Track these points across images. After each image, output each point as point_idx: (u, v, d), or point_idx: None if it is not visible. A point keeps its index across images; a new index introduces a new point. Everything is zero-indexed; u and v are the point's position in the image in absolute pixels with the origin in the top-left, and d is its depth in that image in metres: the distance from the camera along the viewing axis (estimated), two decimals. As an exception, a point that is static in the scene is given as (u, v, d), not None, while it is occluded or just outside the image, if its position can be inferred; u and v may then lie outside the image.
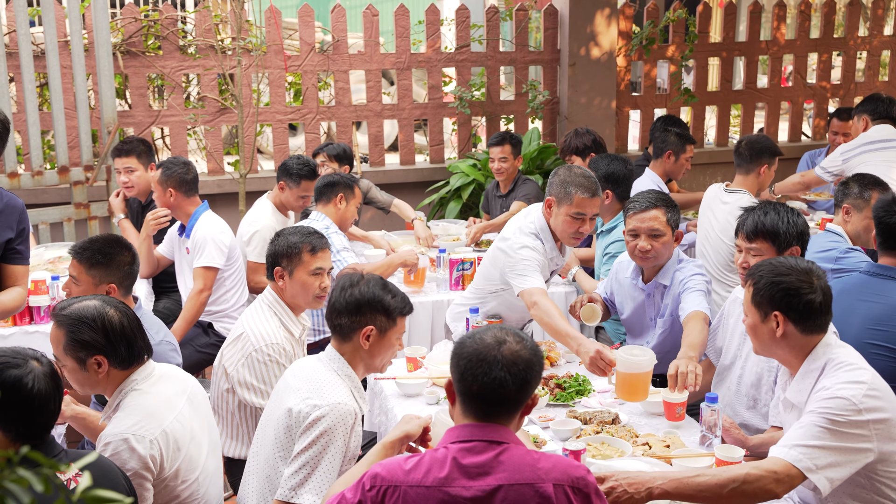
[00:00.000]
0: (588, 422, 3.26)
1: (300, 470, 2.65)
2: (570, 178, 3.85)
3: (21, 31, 5.98)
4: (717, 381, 3.55)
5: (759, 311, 2.75)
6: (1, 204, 3.46)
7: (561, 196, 3.86)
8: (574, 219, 3.86)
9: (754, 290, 2.76)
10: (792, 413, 2.78)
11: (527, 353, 2.22)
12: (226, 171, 7.11)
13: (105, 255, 3.45)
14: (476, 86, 7.47)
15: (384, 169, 7.39)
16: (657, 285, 3.94)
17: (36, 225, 6.06)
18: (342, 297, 2.86)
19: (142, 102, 6.80)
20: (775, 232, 3.30)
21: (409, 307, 2.94)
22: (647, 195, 3.93)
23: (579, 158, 5.65)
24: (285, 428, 2.74)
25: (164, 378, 2.81)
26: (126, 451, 2.57)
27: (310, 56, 7.04)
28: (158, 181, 4.78)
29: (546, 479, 2.13)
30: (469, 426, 2.22)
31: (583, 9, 7.26)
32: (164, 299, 5.23)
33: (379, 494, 2.18)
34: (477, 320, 3.96)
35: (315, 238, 3.55)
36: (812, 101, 8.65)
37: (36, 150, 6.21)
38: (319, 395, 2.71)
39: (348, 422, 2.69)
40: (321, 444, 2.64)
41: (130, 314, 2.75)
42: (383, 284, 2.91)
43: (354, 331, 2.84)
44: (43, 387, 2.27)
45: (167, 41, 6.78)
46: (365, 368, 2.92)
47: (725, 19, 8.03)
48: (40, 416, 2.27)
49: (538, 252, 3.90)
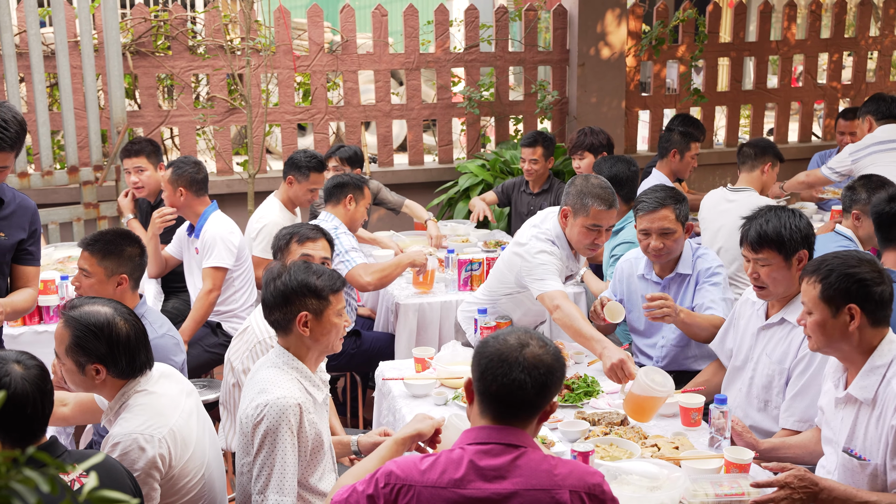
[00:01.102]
0: (597, 423, 3.25)
1: (259, 476, 2.66)
2: (587, 188, 3.81)
3: (31, 31, 6.00)
4: (727, 382, 3.53)
5: (829, 307, 2.71)
6: (14, 205, 3.48)
7: (577, 207, 3.83)
8: (590, 230, 3.83)
9: (824, 285, 2.72)
10: (847, 409, 2.77)
11: (549, 357, 2.21)
12: (235, 172, 7.12)
13: (116, 245, 3.49)
14: (485, 86, 7.46)
15: (393, 169, 7.38)
16: (676, 276, 3.94)
17: (46, 225, 6.08)
18: (268, 292, 2.83)
19: (151, 102, 6.82)
20: (780, 240, 3.26)
21: (339, 282, 2.87)
22: (655, 193, 3.93)
23: (591, 155, 5.63)
24: (241, 435, 2.76)
25: (164, 376, 2.82)
26: (136, 450, 2.58)
27: (319, 56, 7.04)
28: (169, 180, 4.79)
29: (562, 485, 2.13)
30: (487, 428, 2.21)
31: (592, 9, 7.25)
32: (173, 299, 5.24)
33: (392, 492, 2.18)
34: (485, 321, 3.96)
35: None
36: (823, 102, 8.62)
37: (46, 150, 6.23)
38: (261, 395, 2.70)
39: (290, 415, 2.66)
40: (268, 445, 2.65)
41: (139, 328, 2.74)
42: (306, 267, 2.85)
43: (290, 322, 2.80)
44: (20, 389, 2.25)
45: (177, 41, 6.79)
46: (317, 354, 2.87)
47: (735, 19, 8.00)
48: (17, 419, 2.25)
49: (555, 257, 3.88)
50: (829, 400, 2.88)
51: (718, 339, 3.64)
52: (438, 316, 4.82)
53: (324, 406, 2.89)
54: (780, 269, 3.27)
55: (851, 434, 2.75)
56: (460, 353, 3.85)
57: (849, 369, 2.81)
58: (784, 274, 3.27)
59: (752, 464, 2.85)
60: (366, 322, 5.30)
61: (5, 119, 3.19)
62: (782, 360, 3.28)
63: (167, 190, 4.82)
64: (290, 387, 2.73)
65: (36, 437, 2.32)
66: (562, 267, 3.92)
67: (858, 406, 2.74)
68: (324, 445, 2.83)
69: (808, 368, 3.18)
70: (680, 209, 3.88)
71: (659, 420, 3.33)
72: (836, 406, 2.83)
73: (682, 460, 2.88)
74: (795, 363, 3.24)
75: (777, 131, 8.33)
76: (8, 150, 3.22)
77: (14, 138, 3.22)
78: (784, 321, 3.31)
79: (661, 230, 3.85)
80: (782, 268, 3.27)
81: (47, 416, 2.34)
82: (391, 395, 3.67)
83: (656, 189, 3.99)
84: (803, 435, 3.10)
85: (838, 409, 2.82)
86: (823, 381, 3.01)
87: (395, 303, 4.86)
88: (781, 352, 3.29)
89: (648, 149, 7.89)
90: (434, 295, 4.91)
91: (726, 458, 2.83)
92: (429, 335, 4.79)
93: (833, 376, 2.90)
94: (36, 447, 2.23)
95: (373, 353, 4.70)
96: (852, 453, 2.73)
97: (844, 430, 2.78)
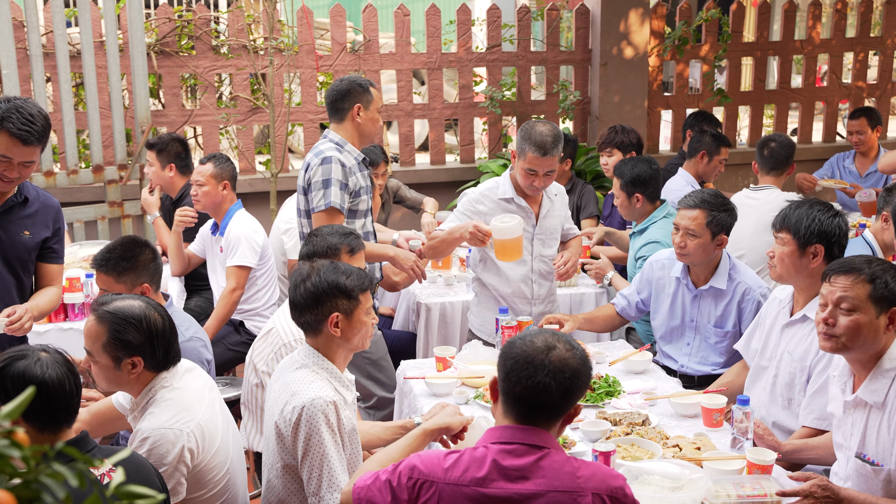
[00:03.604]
0: (618, 423, 3.24)
1: (310, 479, 2.67)
2: (528, 135, 3.99)
3: (58, 31, 6.06)
4: (751, 381, 3.52)
5: (876, 307, 2.70)
6: (37, 204, 3.52)
7: (519, 151, 4.05)
8: (528, 173, 4.02)
9: (877, 284, 2.71)
10: (857, 413, 2.76)
11: (575, 361, 2.21)
12: (257, 171, 7.16)
13: (129, 259, 3.46)
14: (507, 86, 7.46)
15: (414, 168, 7.39)
16: (710, 289, 3.92)
17: (71, 223, 6.14)
18: (297, 294, 2.81)
19: (175, 102, 6.87)
20: (797, 227, 3.30)
21: (367, 281, 2.87)
22: (701, 195, 3.94)
23: (620, 153, 5.61)
24: (275, 437, 2.76)
25: (188, 371, 2.84)
26: (165, 444, 2.60)
27: (341, 56, 7.07)
28: (212, 175, 4.77)
29: (585, 488, 2.13)
30: (511, 428, 2.22)
31: (615, 8, 7.22)
32: (196, 297, 5.27)
33: (415, 488, 2.20)
34: (506, 320, 3.96)
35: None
36: (847, 101, 8.54)
37: (71, 149, 6.29)
38: (295, 397, 2.70)
39: (328, 413, 2.67)
40: (313, 447, 2.65)
41: (169, 319, 2.77)
42: (334, 268, 2.84)
43: (321, 323, 2.80)
44: (54, 372, 2.28)
45: (200, 41, 6.84)
46: (346, 353, 2.88)
47: (759, 18, 7.95)
48: (57, 400, 2.28)
49: (476, 199, 4.15)
50: (838, 405, 2.87)
51: (745, 340, 3.63)
52: (460, 315, 4.83)
53: (352, 406, 2.90)
54: (792, 256, 3.29)
55: (863, 439, 2.74)
56: (482, 352, 3.86)
57: (857, 373, 2.79)
58: (795, 261, 3.29)
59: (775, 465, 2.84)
60: (385, 320, 5.31)
61: (32, 113, 3.24)
62: (804, 357, 3.27)
63: (209, 185, 4.77)
64: (323, 385, 2.74)
65: (67, 423, 2.35)
66: (485, 209, 4.14)
67: (868, 410, 2.72)
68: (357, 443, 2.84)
69: (829, 366, 3.16)
70: (714, 216, 3.83)
71: (681, 421, 3.32)
72: (846, 411, 2.81)
73: (703, 461, 2.87)
74: (816, 361, 3.23)
75: (801, 131, 8.26)
76: (35, 144, 3.26)
77: (40, 132, 3.26)
78: (806, 318, 3.30)
79: (687, 229, 3.85)
80: (795, 254, 3.28)
81: (77, 401, 2.37)
82: (412, 394, 3.68)
83: (705, 191, 3.98)
84: (826, 436, 3.09)
85: (847, 414, 2.81)
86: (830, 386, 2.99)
87: (416, 301, 4.87)
88: (803, 350, 3.28)
89: (671, 148, 7.85)
90: (455, 294, 4.92)
91: (748, 460, 2.82)
92: (450, 334, 4.80)
93: (839, 380, 2.88)
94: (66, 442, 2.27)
95: (394, 352, 4.71)
96: (865, 459, 2.71)
97: (856, 435, 2.76)
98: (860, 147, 6.52)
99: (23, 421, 2.27)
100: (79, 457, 1.09)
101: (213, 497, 2.77)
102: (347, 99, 4.09)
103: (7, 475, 1.06)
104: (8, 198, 3.44)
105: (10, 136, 3.20)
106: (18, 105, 3.23)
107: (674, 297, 4.02)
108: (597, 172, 6.69)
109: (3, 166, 3.26)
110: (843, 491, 2.59)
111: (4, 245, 3.44)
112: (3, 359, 2.33)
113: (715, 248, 3.88)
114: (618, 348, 4.11)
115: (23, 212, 3.47)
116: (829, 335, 2.77)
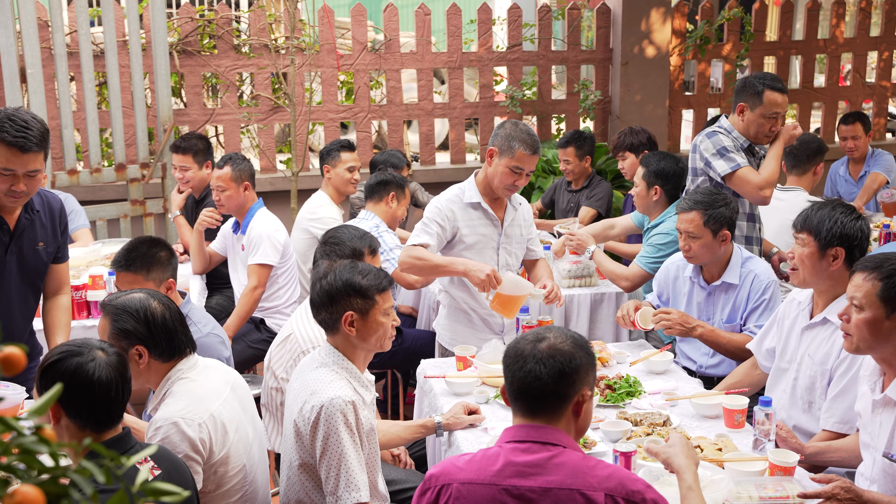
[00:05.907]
0: (639, 423, 3.23)
1: (328, 478, 2.69)
2: (515, 133, 3.94)
3: (82, 31, 6.11)
4: (772, 383, 3.49)
5: (886, 306, 2.68)
6: (44, 211, 3.46)
7: (504, 148, 3.94)
8: (513, 171, 3.95)
9: (886, 283, 2.69)
10: (885, 412, 2.74)
11: (566, 346, 2.20)
12: (278, 169, 7.19)
13: (152, 257, 3.52)
14: (527, 85, 7.45)
15: (434, 168, 7.40)
16: (723, 284, 3.91)
17: (93, 221, 6.18)
18: (315, 291, 2.85)
19: (197, 101, 6.91)
20: (818, 229, 3.26)
21: (385, 281, 2.88)
22: (694, 195, 3.92)
23: (633, 155, 5.61)
24: (295, 436, 2.77)
25: (208, 368, 2.87)
26: (176, 434, 2.61)
27: (362, 55, 7.08)
28: (232, 178, 4.79)
29: (598, 487, 2.10)
30: (524, 427, 2.22)
31: (636, 7, 7.20)
32: (217, 295, 5.30)
33: (434, 494, 2.22)
34: (527, 320, 3.95)
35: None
36: (871, 101, 8.48)
37: (94, 148, 6.34)
38: (314, 396, 2.72)
39: (347, 412, 2.68)
40: (331, 446, 2.67)
41: (173, 308, 2.81)
42: (352, 267, 2.86)
43: (336, 321, 2.82)
44: (105, 374, 2.30)
45: (222, 40, 6.88)
46: (365, 353, 2.90)
47: (782, 17, 7.90)
48: (102, 402, 2.31)
49: (445, 206, 4.00)
50: (866, 403, 2.84)
51: (758, 339, 3.61)
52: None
53: (371, 407, 2.91)
54: (812, 257, 3.25)
55: (891, 438, 2.71)
56: (502, 351, 3.85)
57: (886, 372, 2.77)
58: (814, 263, 3.25)
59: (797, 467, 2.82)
60: (407, 320, 5.32)
61: (25, 120, 3.14)
62: (825, 360, 3.24)
63: (230, 188, 4.79)
64: (342, 385, 2.75)
65: (115, 422, 2.37)
66: (453, 216, 4.00)
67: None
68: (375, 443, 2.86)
69: (850, 369, 3.13)
70: (711, 214, 3.81)
71: (702, 421, 3.31)
72: (874, 409, 2.79)
73: (725, 462, 2.85)
74: (837, 364, 3.20)
75: (824, 130, 8.20)
76: (34, 151, 3.15)
77: (38, 137, 3.15)
78: (827, 321, 3.27)
79: (686, 232, 3.85)
80: (815, 255, 3.25)
81: (126, 402, 2.40)
82: (432, 393, 3.68)
83: (697, 191, 3.96)
84: (849, 438, 3.06)
85: (876, 413, 2.78)
86: (859, 385, 2.96)
87: (436, 301, 4.87)
88: (824, 353, 3.25)
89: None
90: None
91: (770, 461, 2.80)
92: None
93: (869, 379, 2.85)
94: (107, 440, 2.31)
95: (414, 351, 4.72)
96: (893, 458, 2.69)
97: (884, 434, 2.73)
98: (853, 153, 6.44)
99: (65, 415, 2.31)
100: (106, 453, 1.09)
101: (227, 492, 2.78)
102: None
103: (35, 470, 1.07)
104: (19, 218, 3.36)
105: (6, 146, 3.10)
106: (9, 114, 3.12)
107: (689, 296, 4.00)
108: (616, 172, 6.67)
109: (8, 181, 3.15)
110: (866, 493, 2.57)
111: (21, 261, 3.42)
112: (62, 351, 2.35)
113: (720, 245, 3.85)
114: (638, 348, 4.10)
115: (34, 225, 3.43)
116: (846, 333, 2.78)
